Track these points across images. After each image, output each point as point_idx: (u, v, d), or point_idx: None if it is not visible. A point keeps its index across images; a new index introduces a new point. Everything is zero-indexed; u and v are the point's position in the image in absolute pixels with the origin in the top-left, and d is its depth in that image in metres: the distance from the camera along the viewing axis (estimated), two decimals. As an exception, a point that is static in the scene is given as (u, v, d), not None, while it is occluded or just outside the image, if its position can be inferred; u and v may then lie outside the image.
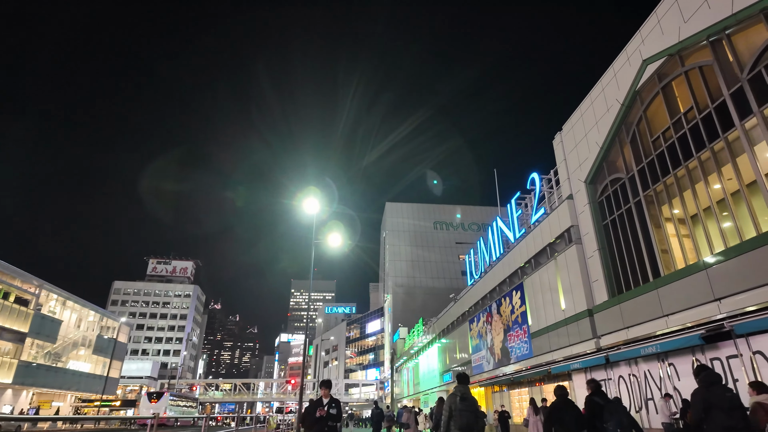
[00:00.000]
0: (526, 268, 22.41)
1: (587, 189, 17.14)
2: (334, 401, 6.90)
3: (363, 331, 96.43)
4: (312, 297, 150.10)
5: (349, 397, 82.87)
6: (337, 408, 6.88)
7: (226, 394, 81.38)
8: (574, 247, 17.54)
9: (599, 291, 16.06)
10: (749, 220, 10.66)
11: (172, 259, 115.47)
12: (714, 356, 11.34)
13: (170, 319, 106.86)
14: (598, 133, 16.63)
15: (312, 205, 21.66)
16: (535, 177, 21.91)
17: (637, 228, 14.48)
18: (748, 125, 10.66)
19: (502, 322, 24.73)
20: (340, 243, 21.84)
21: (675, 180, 12.96)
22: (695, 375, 5.63)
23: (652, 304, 13.05)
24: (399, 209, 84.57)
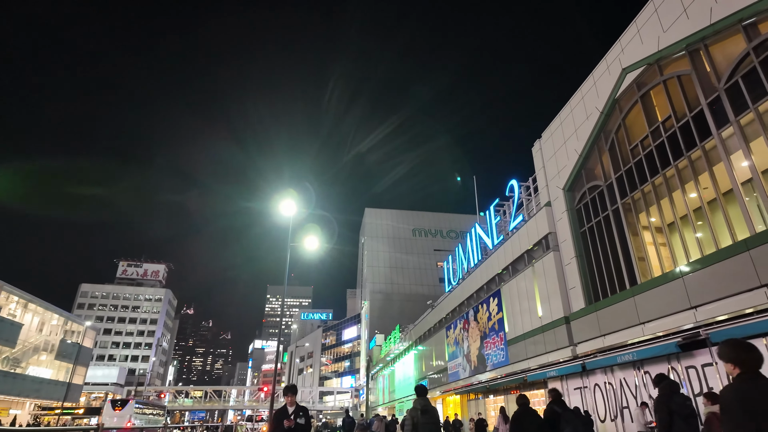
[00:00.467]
0: (504, 275, 22.34)
1: (565, 196, 17.16)
2: (301, 409, 6.08)
3: (339, 337, 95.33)
4: (288, 303, 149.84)
5: (323, 404, 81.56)
6: (305, 416, 6.06)
7: (197, 402, 78.99)
8: (551, 254, 17.51)
9: (576, 298, 16.02)
10: (725, 228, 10.72)
11: (143, 261, 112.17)
12: (689, 364, 11.33)
13: (140, 324, 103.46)
14: (577, 140, 16.69)
15: (289, 207, 21.12)
16: (513, 184, 21.92)
17: (614, 235, 14.49)
18: (725, 134, 10.75)
19: (479, 329, 24.57)
20: (316, 246, 21.33)
21: (653, 188, 13.02)
22: (655, 384, 5.74)
23: (629, 311, 13.02)
24: (378, 215, 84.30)
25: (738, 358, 2.74)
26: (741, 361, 2.72)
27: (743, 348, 2.77)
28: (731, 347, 2.81)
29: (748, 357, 2.71)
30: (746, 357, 2.72)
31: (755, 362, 2.70)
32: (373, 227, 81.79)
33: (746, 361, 2.71)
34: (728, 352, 2.81)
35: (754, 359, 2.70)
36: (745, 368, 2.69)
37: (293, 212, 21.12)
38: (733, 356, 2.77)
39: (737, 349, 2.78)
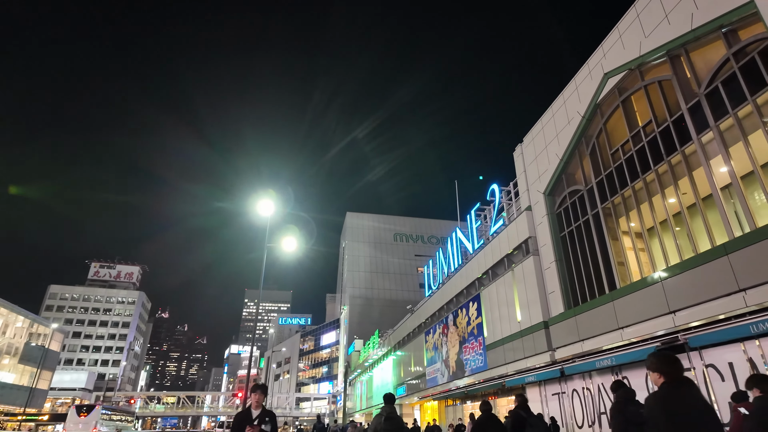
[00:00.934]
0: (484, 279, 22.20)
1: (546, 200, 17.12)
2: (268, 414, 5.14)
3: (317, 343, 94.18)
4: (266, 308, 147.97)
5: (300, 411, 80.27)
6: (271, 423, 5.08)
7: (169, 408, 76.79)
8: (531, 259, 17.42)
9: (555, 303, 15.93)
10: (704, 233, 10.72)
11: (116, 263, 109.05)
12: (667, 369, 11.27)
13: (111, 327, 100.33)
14: (558, 145, 16.68)
15: (266, 207, 20.60)
16: (495, 188, 21.86)
17: (594, 240, 14.46)
18: (704, 139, 10.78)
19: (458, 334, 24.36)
20: (294, 248, 20.84)
21: (633, 193, 13.02)
22: (612, 391, 5.88)
23: (608, 316, 12.95)
24: (360, 219, 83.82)
25: (663, 368, 3.01)
26: (665, 372, 2.99)
27: (668, 360, 3.06)
28: (657, 359, 3.10)
29: (671, 368, 3.00)
30: (670, 368, 3.00)
31: (678, 372, 2.99)
32: (355, 231, 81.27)
33: (670, 371, 2.99)
34: (655, 363, 3.09)
35: (677, 370, 2.99)
36: (669, 378, 2.95)
37: (271, 212, 20.62)
38: (659, 367, 3.04)
39: (662, 361, 3.06)
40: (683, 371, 3.04)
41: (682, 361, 10.10)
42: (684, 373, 3.02)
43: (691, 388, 2.90)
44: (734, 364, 9.48)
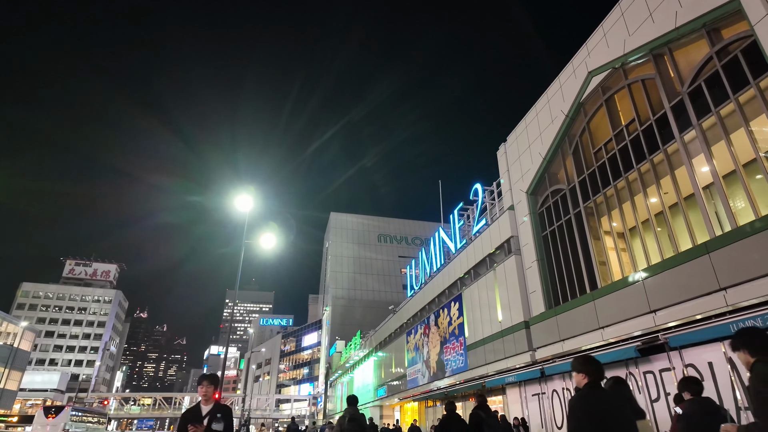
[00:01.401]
0: (466, 279, 22.03)
1: (528, 200, 17.01)
2: (221, 409, 4.44)
3: (299, 344, 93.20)
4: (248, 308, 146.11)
5: (280, 413, 79.22)
6: (225, 421, 4.36)
7: (144, 410, 74.99)
8: (513, 258, 17.28)
9: (536, 302, 15.80)
10: (686, 232, 10.65)
11: (93, 261, 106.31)
12: (647, 369, 11.17)
13: (86, 326, 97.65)
14: (541, 144, 16.59)
15: (244, 202, 20.09)
16: (478, 187, 21.72)
17: (576, 239, 14.36)
18: (687, 138, 10.73)
19: (440, 334, 24.14)
20: (273, 244, 20.35)
21: (615, 192, 12.94)
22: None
23: (589, 316, 12.83)
24: (343, 220, 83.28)
25: (587, 370, 3.19)
26: (589, 372, 3.17)
27: (591, 362, 3.25)
28: (582, 360, 3.28)
29: (593, 369, 3.19)
30: (593, 369, 3.19)
31: (599, 374, 3.19)
32: (338, 231, 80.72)
33: (592, 372, 3.17)
34: (581, 365, 3.26)
35: (599, 371, 3.20)
36: (592, 378, 3.14)
37: (249, 208, 20.12)
38: (583, 368, 3.21)
39: (586, 362, 3.24)
40: (604, 374, 3.27)
41: (662, 360, 10.01)
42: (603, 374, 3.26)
43: (606, 392, 3.15)
44: (714, 363, 9.40)
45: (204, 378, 4.57)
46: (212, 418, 4.31)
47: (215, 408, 4.46)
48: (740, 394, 8.76)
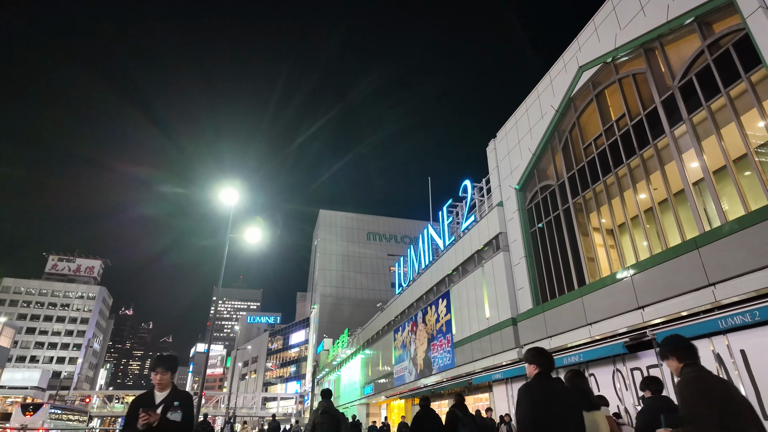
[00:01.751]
0: (454, 276, 21.87)
1: (517, 196, 16.87)
2: (179, 396, 3.76)
3: (286, 342, 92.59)
4: (236, 306, 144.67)
5: (266, 411, 78.59)
6: (183, 409, 3.66)
7: (127, 408, 73.75)
8: (501, 255, 17.14)
9: (524, 299, 15.67)
10: (675, 229, 10.56)
11: (76, 256, 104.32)
12: (634, 366, 11.08)
13: (69, 323, 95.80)
14: (531, 140, 16.45)
15: (230, 195, 19.68)
16: (467, 184, 21.57)
17: (564, 236, 14.24)
18: (677, 132, 10.63)
19: (427, 332, 23.97)
20: (258, 239, 19.98)
21: (604, 187, 12.83)
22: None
23: (576, 312, 12.72)
24: (333, 218, 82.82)
25: (539, 361, 3.31)
26: (539, 364, 3.29)
27: (542, 354, 3.38)
28: (534, 352, 3.39)
29: (544, 361, 3.31)
30: (543, 361, 3.31)
31: (549, 366, 3.31)
32: (327, 229, 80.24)
33: (543, 363, 3.29)
34: (531, 356, 3.38)
35: (549, 364, 3.32)
36: (542, 369, 3.27)
37: (235, 201, 19.73)
38: (535, 360, 3.33)
39: (537, 354, 3.37)
40: (554, 366, 3.40)
41: (649, 357, 9.90)
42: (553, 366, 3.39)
43: (556, 382, 3.25)
44: (701, 359, 9.29)
45: (159, 362, 3.85)
46: (168, 407, 3.61)
47: (172, 395, 3.74)
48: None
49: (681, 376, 2.91)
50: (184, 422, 3.62)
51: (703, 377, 2.73)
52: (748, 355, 8.39)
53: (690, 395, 2.64)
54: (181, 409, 3.64)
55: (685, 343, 3.01)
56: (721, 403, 2.55)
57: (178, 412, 3.61)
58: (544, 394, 3.10)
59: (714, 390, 2.63)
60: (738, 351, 8.58)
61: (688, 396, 2.64)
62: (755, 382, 8.18)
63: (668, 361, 3.03)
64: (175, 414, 3.59)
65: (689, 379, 2.75)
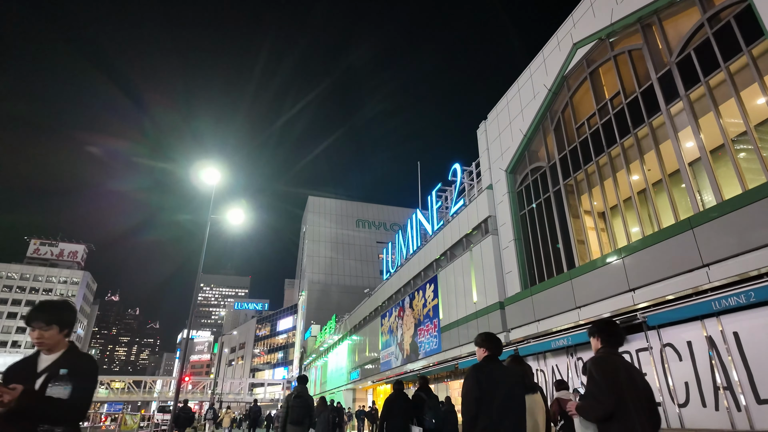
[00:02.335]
0: (442, 261, 21.57)
1: (507, 178, 16.50)
2: (72, 362, 2.53)
3: (274, 328, 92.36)
4: (224, 293, 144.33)
5: (253, 396, 78.54)
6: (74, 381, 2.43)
7: (112, 393, 73.22)
8: (490, 238, 16.82)
9: (512, 283, 15.40)
10: (669, 210, 10.27)
11: (59, 240, 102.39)
12: (623, 350, 10.83)
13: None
14: (522, 121, 16.04)
15: (211, 175, 19.06)
16: (456, 168, 21.15)
17: (554, 218, 13.93)
18: (673, 110, 10.28)
19: (414, 317, 23.72)
20: (242, 220, 19.41)
21: (596, 168, 12.49)
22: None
23: (565, 296, 12.45)
24: (321, 204, 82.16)
25: (487, 345, 3.54)
26: (488, 348, 3.52)
27: (491, 338, 3.60)
28: (484, 337, 3.60)
29: (493, 345, 3.55)
30: (492, 345, 3.54)
31: (497, 350, 3.56)
32: (316, 216, 79.59)
33: (491, 348, 3.54)
34: (482, 340, 3.59)
35: (497, 348, 3.57)
36: (490, 353, 3.51)
37: (216, 180, 19.12)
38: (484, 344, 3.56)
39: (487, 339, 3.58)
40: (502, 350, 3.62)
41: (639, 340, 9.66)
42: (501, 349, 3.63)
43: (501, 365, 3.47)
44: (693, 342, 9.08)
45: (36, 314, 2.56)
46: (52, 374, 2.43)
47: (63, 359, 2.54)
48: (718, 373, 8.46)
49: (596, 355, 3.11)
50: (72, 401, 2.39)
51: (611, 360, 2.89)
52: (741, 338, 8.15)
53: (594, 372, 2.81)
54: (72, 381, 2.42)
55: (613, 329, 3.16)
56: (620, 382, 2.73)
57: (67, 384, 2.41)
58: (490, 375, 3.30)
59: (617, 371, 2.78)
60: (731, 333, 8.34)
61: (593, 372, 2.81)
62: (748, 365, 7.96)
63: (593, 339, 3.18)
64: (58, 387, 2.39)
65: (597, 358, 2.93)
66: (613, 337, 3.07)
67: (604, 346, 3.01)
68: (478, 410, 3.13)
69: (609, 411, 2.65)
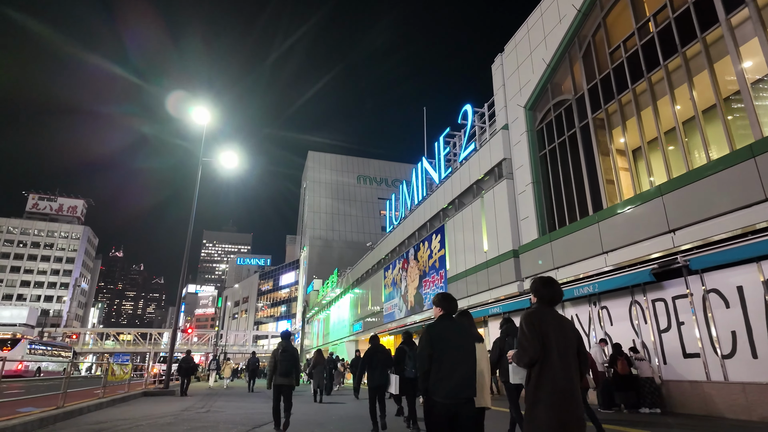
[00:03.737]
0: (449, 210, 20.40)
1: (526, 115, 15.00)
2: None
3: (276, 283, 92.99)
4: (226, 249, 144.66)
5: (257, 348, 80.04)
6: None
7: (118, 344, 74.57)
8: (504, 183, 15.53)
9: (528, 229, 14.26)
10: (723, 138, 8.89)
11: (58, 195, 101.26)
12: (657, 297, 9.80)
13: (54, 263, 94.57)
14: (545, 49, 14.34)
15: (201, 114, 17.60)
16: (467, 109, 19.55)
17: (580, 156, 12.58)
18: (735, 20, 8.70)
19: (419, 268, 22.84)
20: (236, 164, 18.09)
21: (633, 97, 11.00)
22: (500, 326, 6.46)
23: (591, 240, 11.32)
24: (322, 159, 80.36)
25: (443, 305, 3.69)
26: (444, 308, 3.69)
27: (448, 299, 3.74)
28: (441, 297, 3.76)
29: (448, 305, 3.70)
30: (447, 305, 3.70)
31: (452, 309, 3.73)
32: (316, 172, 77.98)
33: (447, 307, 3.70)
34: (439, 300, 3.76)
35: (452, 307, 3.74)
36: (445, 312, 3.68)
37: (207, 120, 17.67)
38: (441, 304, 3.72)
39: (444, 300, 3.73)
40: (456, 309, 3.79)
41: (677, 286, 8.54)
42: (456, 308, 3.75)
43: (454, 322, 3.63)
44: (744, 287, 7.98)
45: None
46: None
47: None
48: (776, 321, 7.41)
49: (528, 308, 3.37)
50: None
51: (538, 312, 3.05)
52: (809, 281, 7.03)
53: (523, 324, 3.01)
54: None
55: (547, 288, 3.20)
56: (545, 332, 2.91)
57: None
58: (441, 331, 3.49)
59: (542, 323, 2.96)
60: (795, 276, 7.22)
61: (522, 325, 3.03)
62: (816, 312, 6.88)
63: (531, 296, 3.32)
64: None
65: (527, 312, 3.11)
66: (547, 294, 3.17)
67: (538, 301, 3.19)
68: (430, 365, 3.40)
69: (534, 358, 2.88)
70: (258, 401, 13.55)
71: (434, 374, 3.35)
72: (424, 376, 3.42)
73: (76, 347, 57.63)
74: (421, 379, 3.46)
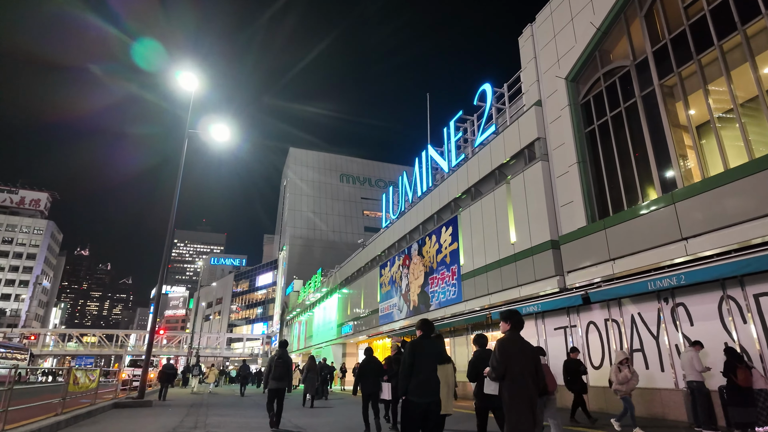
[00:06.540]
0: (463, 200, 18.51)
1: (568, 88, 13.22)
2: None
3: (252, 284, 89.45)
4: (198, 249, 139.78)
5: (231, 351, 76.46)
6: None
7: (82, 346, 69.86)
8: (538, 165, 13.73)
9: (570, 216, 12.46)
10: None
11: (19, 188, 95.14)
12: (761, 291, 8.06)
13: (13, 258, 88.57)
14: (593, 13, 12.62)
15: (188, 79, 15.27)
16: (486, 89, 17.74)
17: (643, 130, 10.85)
18: None
19: (424, 264, 20.85)
20: (227, 137, 15.74)
21: (720, 55, 9.30)
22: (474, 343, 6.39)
23: (663, 224, 9.56)
24: (303, 156, 77.85)
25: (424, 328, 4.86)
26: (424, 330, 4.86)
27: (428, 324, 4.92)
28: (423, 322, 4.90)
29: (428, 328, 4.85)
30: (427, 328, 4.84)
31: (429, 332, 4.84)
32: (297, 169, 75.35)
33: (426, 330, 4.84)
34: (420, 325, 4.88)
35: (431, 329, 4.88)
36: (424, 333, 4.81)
37: (195, 86, 15.33)
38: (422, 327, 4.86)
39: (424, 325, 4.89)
40: (433, 331, 4.97)
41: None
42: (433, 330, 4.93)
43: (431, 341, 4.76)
44: None
45: None
46: None
47: None
48: None
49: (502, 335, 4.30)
50: None
51: (508, 339, 4.15)
52: None
53: (496, 349, 4.09)
54: None
55: (519, 317, 4.28)
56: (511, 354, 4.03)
57: None
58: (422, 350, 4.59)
59: (510, 347, 4.08)
60: None
61: (495, 349, 4.10)
62: None
63: (503, 323, 4.27)
64: None
65: (501, 339, 4.17)
66: (519, 323, 4.22)
67: (511, 329, 4.18)
68: (411, 372, 4.48)
69: (501, 374, 4.00)
70: (257, 414, 11.29)
71: (414, 379, 4.46)
72: (405, 381, 4.50)
73: (34, 349, 53.28)
74: (402, 383, 4.52)
